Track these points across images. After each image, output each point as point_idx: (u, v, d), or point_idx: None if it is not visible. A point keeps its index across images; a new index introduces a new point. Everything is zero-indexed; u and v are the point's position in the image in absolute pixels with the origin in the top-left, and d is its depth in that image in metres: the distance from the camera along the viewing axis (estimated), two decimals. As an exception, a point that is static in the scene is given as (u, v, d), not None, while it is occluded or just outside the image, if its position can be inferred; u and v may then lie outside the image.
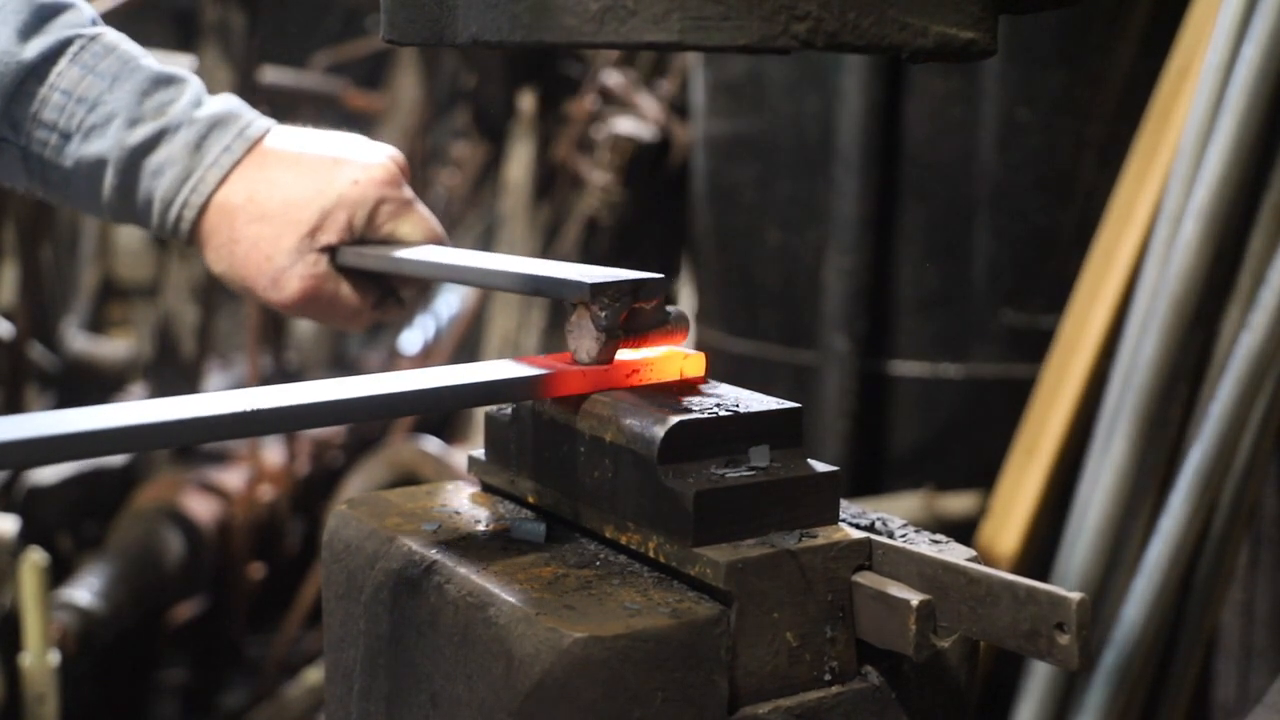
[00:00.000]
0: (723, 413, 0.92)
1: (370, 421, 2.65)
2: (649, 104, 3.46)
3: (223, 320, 3.86)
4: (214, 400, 0.83)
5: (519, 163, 3.63)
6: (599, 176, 3.39)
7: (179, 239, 1.22)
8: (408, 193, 1.24)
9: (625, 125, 3.37)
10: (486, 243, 3.81)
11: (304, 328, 4.41)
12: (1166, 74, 2.17)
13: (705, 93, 2.76)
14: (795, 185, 2.53)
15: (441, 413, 3.55)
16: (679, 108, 3.45)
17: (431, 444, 3.05)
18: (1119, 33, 2.38)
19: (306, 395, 0.85)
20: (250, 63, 3.13)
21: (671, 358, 1.00)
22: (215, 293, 3.25)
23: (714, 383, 1.01)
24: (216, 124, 1.21)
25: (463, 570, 0.89)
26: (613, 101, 3.49)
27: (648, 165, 3.41)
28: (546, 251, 3.53)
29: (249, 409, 0.82)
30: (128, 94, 1.18)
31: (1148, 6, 2.38)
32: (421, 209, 1.25)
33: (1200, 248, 1.92)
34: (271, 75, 3.60)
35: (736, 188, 2.65)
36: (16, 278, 2.98)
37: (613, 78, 3.50)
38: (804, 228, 2.51)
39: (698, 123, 2.85)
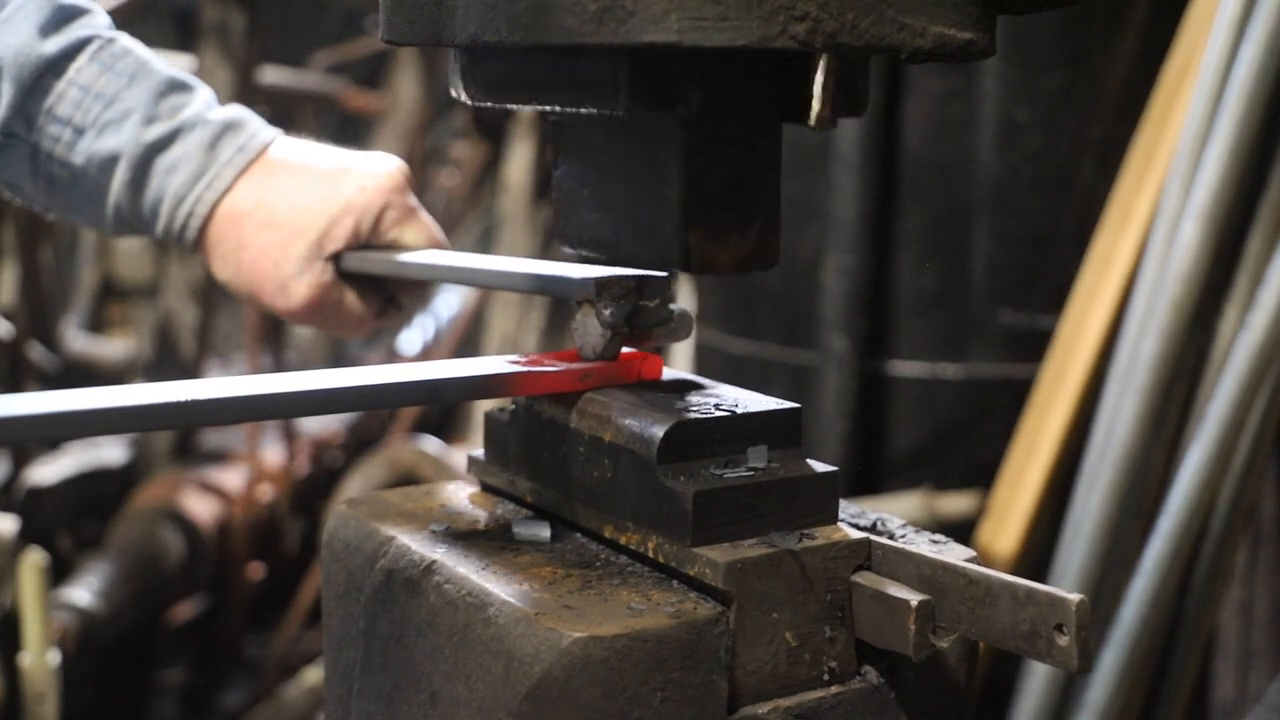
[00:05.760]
0: (721, 413, 0.92)
1: (308, 416, 2.65)
2: (648, 104, 3.46)
3: (223, 320, 3.86)
4: (150, 390, 0.83)
5: (518, 163, 3.64)
6: (598, 177, 3.38)
7: (184, 244, 1.22)
8: (412, 200, 1.25)
9: (625, 125, 3.37)
10: (486, 243, 3.81)
11: (303, 328, 4.41)
12: (1165, 74, 2.17)
13: (704, 93, 2.76)
14: (794, 185, 2.52)
15: (384, 409, 3.53)
16: (678, 108, 3.44)
17: (430, 444, 3.05)
18: (1118, 33, 2.38)
19: (243, 389, 0.86)
20: (250, 63, 3.13)
21: (629, 361, 1.00)
22: (215, 293, 3.25)
23: (713, 382, 1.02)
24: (229, 127, 1.22)
25: (462, 570, 0.89)
26: (612, 102, 3.48)
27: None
28: (546, 252, 3.53)
29: (186, 399, 0.82)
30: (144, 93, 1.20)
31: (1147, 6, 2.38)
32: (425, 216, 1.26)
33: (1199, 248, 1.92)
34: (271, 75, 3.61)
35: (736, 188, 2.65)
36: (16, 278, 2.98)
37: (612, 78, 3.49)
38: (803, 228, 2.51)
39: (697, 123, 2.84)
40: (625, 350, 1.01)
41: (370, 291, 1.26)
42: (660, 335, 1.01)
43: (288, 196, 1.20)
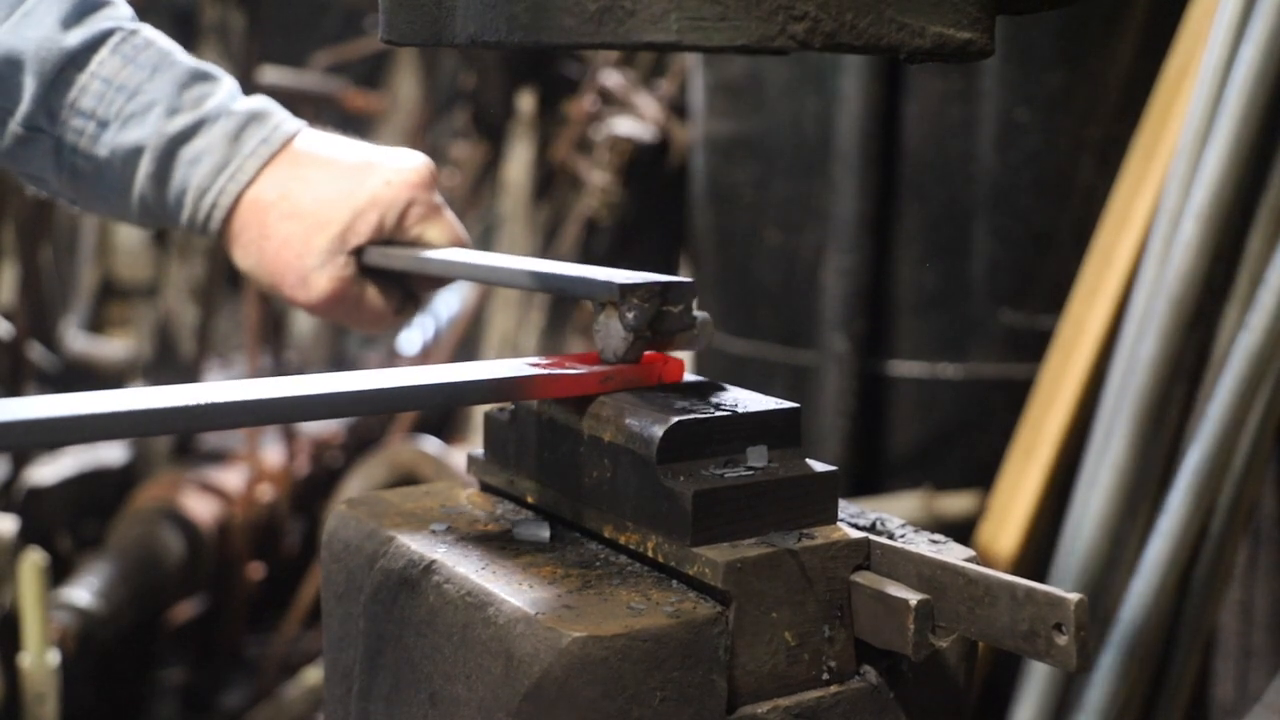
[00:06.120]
0: (721, 413, 0.92)
1: (330, 418, 2.67)
2: (648, 104, 3.46)
3: (222, 320, 3.85)
4: (176, 392, 0.83)
5: (518, 163, 3.63)
6: (598, 177, 3.39)
7: (209, 233, 1.22)
8: (437, 198, 1.25)
9: (624, 126, 3.37)
10: (486, 243, 3.81)
11: (303, 328, 4.41)
12: (1165, 74, 2.17)
13: (704, 93, 2.76)
14: (794, 185, 2.53)
15: (403, 412, 3.53)
16: (678, 108, 3.45)
17: (430, 444, 3.05)
18: (1118, 33, 2.38)
19: (266, 393, 0.85)
20: (250, 63, 3.13)
21: (651, 364, 1.00)
22: (215, 293, 3.25)
23: (713, 382, 1.02)
24: (253, 118, 1.22)
25: (462, 570, 0.89)
26: (611, 102, 3.49)
27: (646, 166, 3.41)
28: (546, 252, 3.53)
29: (195, 403, 0.82)
30: (167, 84, 1.19)
31: (1147, 6, 2.38)
32: (449, 215, 1.26)
33: (1198, 248, 1.92)
34: (271, 75, 3.60)
35: (735, 188, 2.65)
36: (16, 278, 2.98)
37: (612, 78, 3.50)
38: (803, 228, 2.51)
39: (697, 123, 2.85)
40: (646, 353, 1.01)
41: (391, 287, 1.26)
42: (683, 341, 1.01)
43: (312, 189, 1.20)
